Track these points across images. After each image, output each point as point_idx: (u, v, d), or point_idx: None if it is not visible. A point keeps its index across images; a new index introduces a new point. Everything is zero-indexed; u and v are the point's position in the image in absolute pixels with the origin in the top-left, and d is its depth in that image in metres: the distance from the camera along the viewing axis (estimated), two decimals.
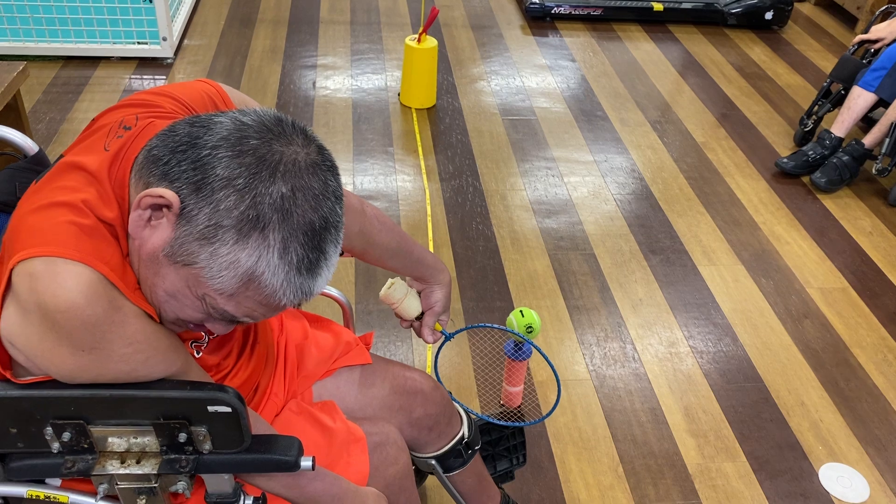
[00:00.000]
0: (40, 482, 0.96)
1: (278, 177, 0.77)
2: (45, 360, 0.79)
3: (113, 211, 0.82)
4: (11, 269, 0.76)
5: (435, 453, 1.33)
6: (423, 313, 1.29)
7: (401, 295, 1.26)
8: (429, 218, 2.65)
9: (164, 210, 0.79)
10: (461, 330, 1.40)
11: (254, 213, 0.77)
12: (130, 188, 0.83)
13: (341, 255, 0.93)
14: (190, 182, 0.77)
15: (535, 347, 1.40)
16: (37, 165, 1.17)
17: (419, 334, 1.30)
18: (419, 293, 1.30)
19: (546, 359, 1.34)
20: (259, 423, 1.01)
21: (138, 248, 0.82)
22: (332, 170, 0.83)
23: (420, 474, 1.64)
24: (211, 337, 1.03)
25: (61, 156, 0.90)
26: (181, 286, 0.81)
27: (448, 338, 1.31)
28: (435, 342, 1.30)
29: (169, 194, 0.77)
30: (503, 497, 1.52)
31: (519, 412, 1.58)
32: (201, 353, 1.02)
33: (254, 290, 0.80)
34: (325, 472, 1.03)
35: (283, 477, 0.97)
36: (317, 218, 0.80)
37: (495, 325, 1.34)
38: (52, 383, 0.85)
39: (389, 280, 1.27)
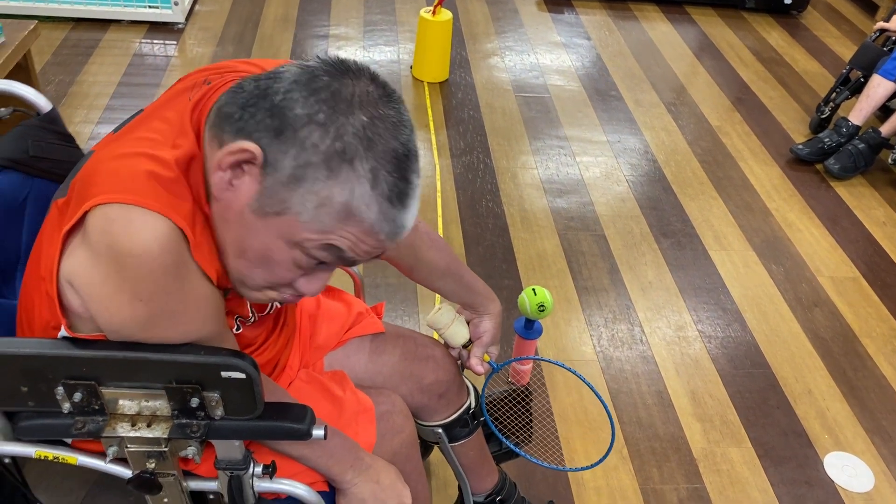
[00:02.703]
0: (49, 442, 0.95)
1: (356, 107, 0.76)
2: (100, 306, 0.79)
3: (189, 141, 0.81)
4: (87, 212, 0.77)
5: (442, 421, 1.32)
6: (470, 342, 1.27)
7: (447, 320, 1.24)
8: (438, 194, 2.63)
9: (245, 167, 0.77)
10: (509, 362, 1.36)
11: (340, 146, 0.75)
12: (205, 145, 0.82)
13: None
14: (269, 129, 0.76)
15: (590, 387, 1.32)
16: (49, 124, 1.16)
17: (465, 364, 1.28)
18: (468, 323, 1.28)
19: (599, 398, 1.29)
20: (278, 392, 1.00)
21: (223, 210, 0.80)
22: (402, 102, 0.82)
23: (425, 448, 1.63)
24: (277, 304, 1.03)
25: (141, 110, 0.90)
26: (274, 240, 0.79)
27: (496, 370, 1.27)
28: (483, 373, 1.27)
29: (250, 146, 0.76)
30: (501, 475, 1.52)
31: (527, 391, 1.57)
32: (242, 329, 1.01)
33: (353, 225, 0.78)
34: (338, 430, 1.04)
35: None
36: (398, 145, 0.78)
37: (545, 359, 1.31)
38: (64, 342, 0.84)
39: (437, 304, 1.25)
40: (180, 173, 0.80)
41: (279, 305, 1.07)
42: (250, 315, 1.00)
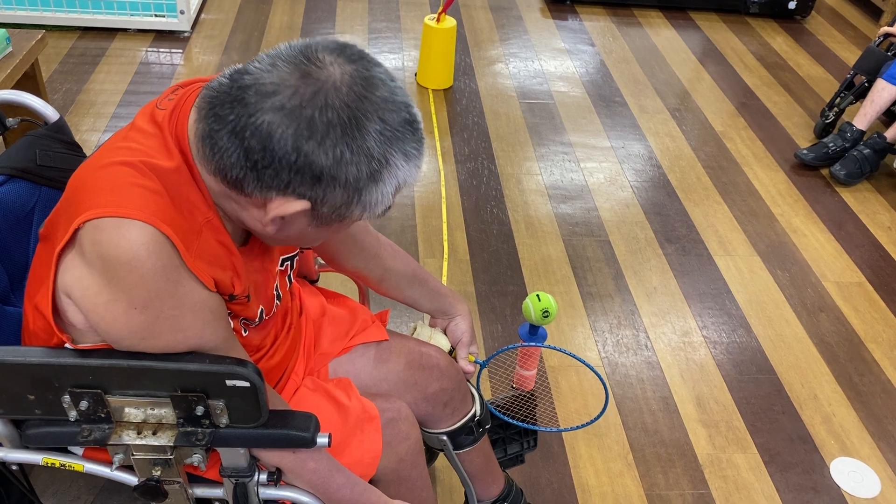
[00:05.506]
0: (56, 450, 0.96)
1: (363, 120, 0.79)
2: (98, 317, 0.80)
3: (174, 159, 0.83)
4: (78, 227, 0.79)
5: (447, 429, 1.33)
6: (452, 349, 1.33)
7: (426, 334, 1.31)
8: (443, 200, 2.63)
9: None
10: (495, 354, 1.40)
11: (375, 162, 0.80)
12: (202, 171, 0.83)
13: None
14: (304, 182, 0.79)
15: (584, 363, 1.36)
16: (57, 133, 1.17)
17: None
18: (444, 331, 1.35)
19: (595, 372, 1.32)
20: (277, 402, 1.00)
21: (279, 230, 0.87)
22: (373, 61, 0.83)
23: (430, 454, 1.64)
24: (277, 303, 1.06)
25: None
26: (339, 229, 0.89)
27: (483, 366, 1.33)
28: (473, 373, 1.33)
29: (298, 204, 0.80)
30: (507, 481, 1.52)
31: (532, 396, 1.57)
32: (248, 332, 1.02)
33: (401, 191, 0.87)
34: (357, 479, 1.04)
35: (313, 479, 1.00)
36: (403, 111, 0.82)
37: (528, 344, 1.35)
38: (70, 351, 0.85)
39: (411, 325, 1.32)
40: (166, 184, 0.81)
41: (279, 304, 1.08)
42: (258, 317, 1.00)
